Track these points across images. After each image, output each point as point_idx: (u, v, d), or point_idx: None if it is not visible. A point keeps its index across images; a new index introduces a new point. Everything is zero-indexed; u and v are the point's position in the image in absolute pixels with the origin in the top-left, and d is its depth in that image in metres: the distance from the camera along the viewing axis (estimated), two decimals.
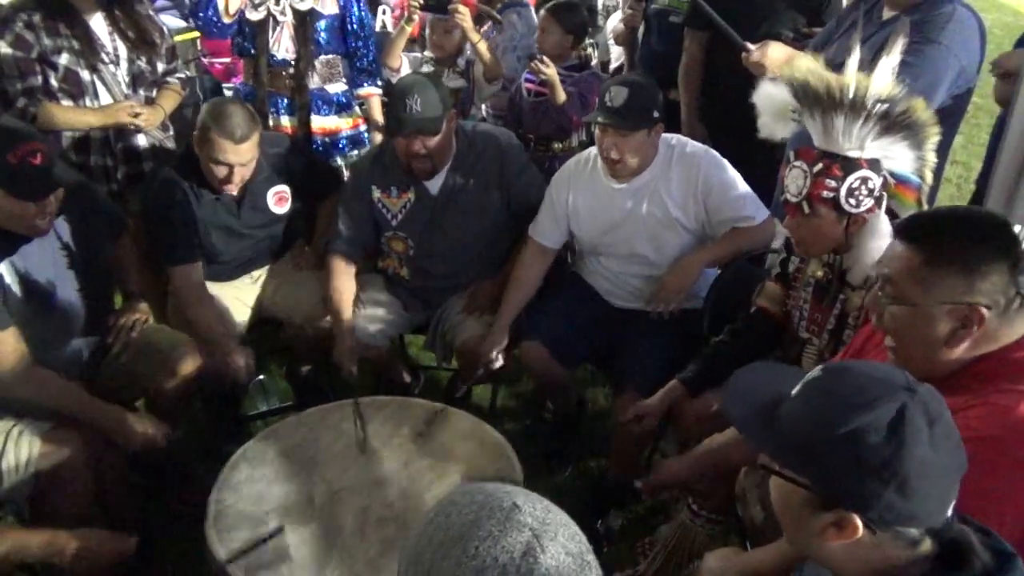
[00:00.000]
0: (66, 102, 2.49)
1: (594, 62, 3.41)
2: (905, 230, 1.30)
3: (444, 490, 1.73)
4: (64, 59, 2.45)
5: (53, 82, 2.47)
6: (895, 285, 1.27)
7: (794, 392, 0.99)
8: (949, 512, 0.93)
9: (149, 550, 2.26)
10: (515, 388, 2.99)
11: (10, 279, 2.00)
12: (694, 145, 2.32)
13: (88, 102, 2.51)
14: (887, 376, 0.95)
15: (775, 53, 2.18)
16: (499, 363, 2.37)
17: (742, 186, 2.27)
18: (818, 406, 0.95)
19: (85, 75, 2.49)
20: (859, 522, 0.91)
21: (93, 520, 1.92)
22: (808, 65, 1.67)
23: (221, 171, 2.32)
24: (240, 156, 2.31)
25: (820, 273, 1.81)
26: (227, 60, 4.14)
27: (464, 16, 2.86)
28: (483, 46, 3.00)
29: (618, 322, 2.41)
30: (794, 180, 1.66)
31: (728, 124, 2.50)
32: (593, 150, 2.37)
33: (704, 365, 2.02)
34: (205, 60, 4.41)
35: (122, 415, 2.04)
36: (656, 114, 2.19)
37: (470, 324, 2.43)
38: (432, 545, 0.79)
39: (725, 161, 2.28)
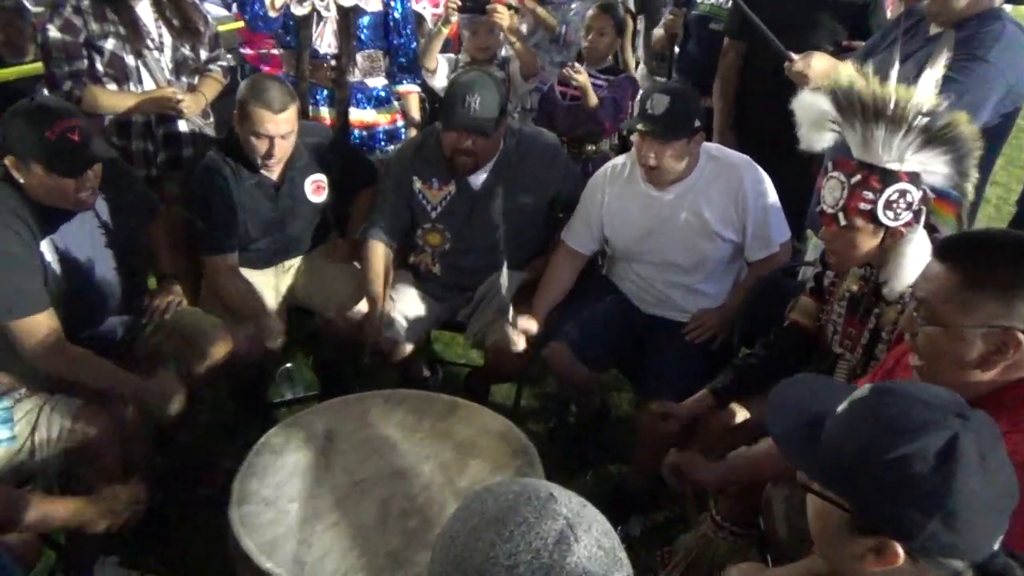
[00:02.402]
0: (111, 86, 2.53)
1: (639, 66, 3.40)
2: (943, 250, 1.27)
3: (466, 485, 1.74)
4: (110, 44, 2.50)
5: (99, 66, 2.51)
6: (930, 306, 1.25)
7: (839, 410, 0.97)
8: (996, 545, 0.89)
9: (169, 530, 2.30)
10: (539, 389, 2.99)
11: (51, 257, 2.04)
12: (736, 155, 2.31)
13: (132, 87, 2.56)
14: (939, 401, 0.91)
15: (819, 64, 2.17)
16: (522, 346, 2.36)
17: (777, 203, 2.28)
18: (864, 428, 0.92)
19: (130, 60, 2.53)
20: (900, 550, 0.89)
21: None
22: (850, 75, 1.66)
23: (262, 145, 2.34)
24: (279, 127, 2.33)
25: (855, 287, 1.79)
26: (262, 50, 4.17)
27: (503, 15, 2.87)
28: (521, 45, 3.00)
29: (647, 328, 2.40)
30: (831, 191, 1.64)
31: (761, 134, 2.50)
32: (629, 155, 2.36)
33: (734, 377, 2.01)
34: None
35: (150, 380, 2.10)
36: (697, 123, 2.18)
37: (503, 324, 2.43)
38: (466, 528, 0.80)
39: (765, 174, 2.27)
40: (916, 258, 1.58)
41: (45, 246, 2.02)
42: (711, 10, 3.15)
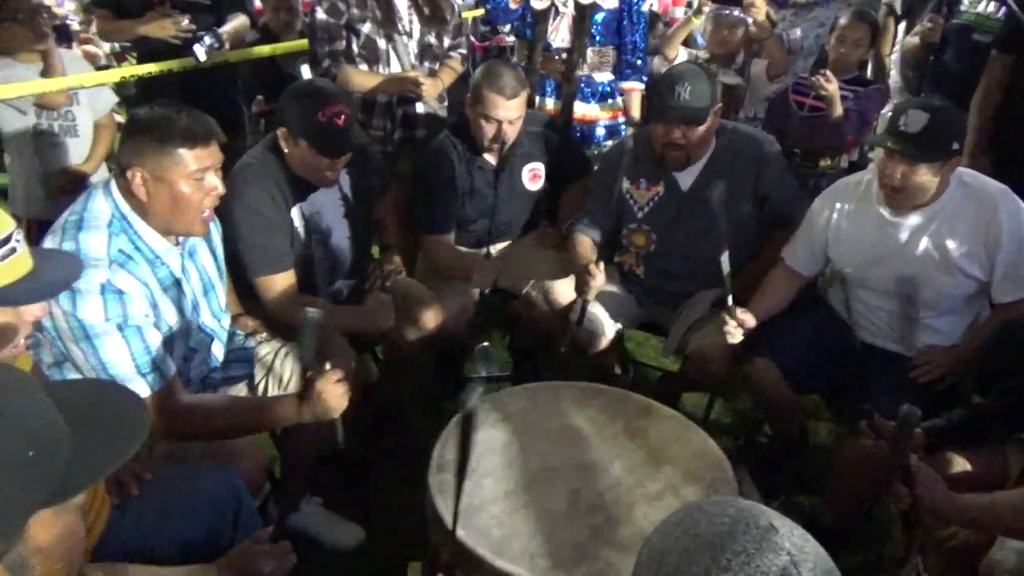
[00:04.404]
0: (362, 67, 2.75)
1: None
2: None
3: (655, 489, 1.72)
4: (367, 28, 2.71)
5: (354, 47, 2.74)
6: None
7: None
8: None
9: (368, 482, 2.48)
10: (732, 403, 2.89)
11: (298, 223, 2.26)
12: (992, 183, 2.08)
13: (380, 68, 2.76)
14: None
15: None
16: (740, 337, 2.23)
17: None
18: None
19: (381, 43, 2.73)
20: None
21: (329, 440, 2.12)
22: None
23: (490, 128, 2.44)
24: (509, 112, 2.42)
25: None
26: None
27: (759, 9, 2.78)
28: (773, 41, 2.89)
29: (863, 357, 2.24)
30: None
31: (1020, 157, 2.22)
32: (867, 173, 2.21)
33: (955, 422, 1.83)
34: None
35: (362, 309, 2.32)
36: (956, 146, 1.97)
37: (706, 332, 2.38)
38: (678, 548, 0.78)
39: None
40: None
41: (295, 212, 2.25)
42: (976, 19, 2.87)
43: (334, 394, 1.67)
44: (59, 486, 0.79)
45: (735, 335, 2.20)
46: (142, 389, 1.65)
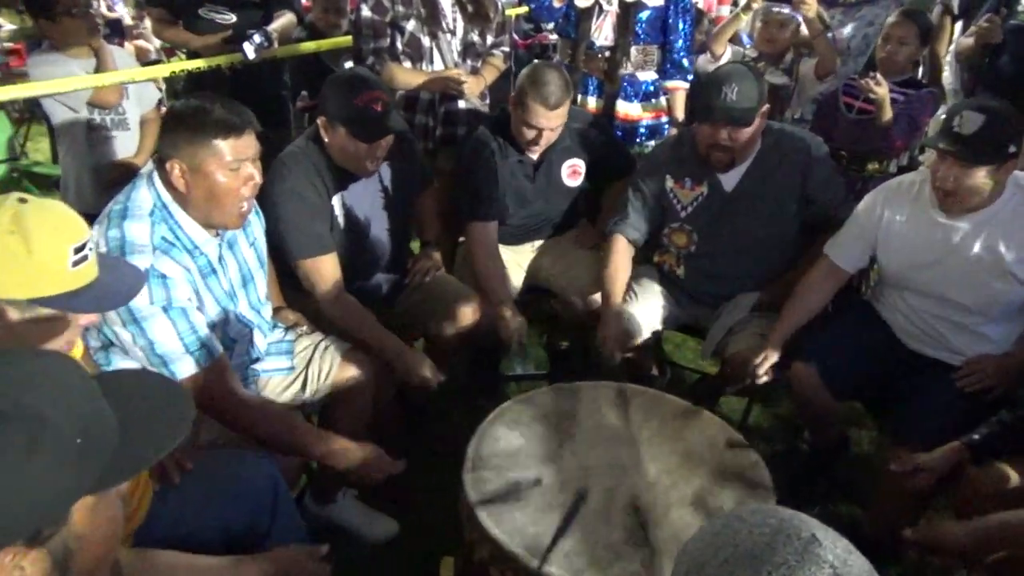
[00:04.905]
0: (406, 64, 2.77)
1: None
2: None
3: (690, 493, 1.70)
4: (411, 25, 2.72)
5: (398, 45, 2.75)
6: None
7: None
8: None
9: (404, 476, 2.49)
10: (771, 408, 2.85)
11: (339, 211, 2.28)
12: None
13: (424, 66, 2.77)
14: None
15: None
16: (766, 379, 2.26)
17: None
18: None
19: (425, 41, 2.74)
20: None
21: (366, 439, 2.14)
22: None
23: (530, 134, 2.45)
24: (551, 121, 2.42)
25: None
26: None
27: (810, 6, 2.73)
28: (823, 39, 2.84)
29: (908, 365, 2.18)
30: None
31: None
32: (918, 174, 2.15)
33: (1001, 431, 1.78)
34: None
35: (405, 349, 2.24)
36: (1012, 149, 1.91)
37: (746, 336, 2.35)
38: (717, 559, 0.76)
39: None
40: None
41: (335, 201, 2.27)
42: None
43: (378, 467, 1.81)
44: (104, 474, 0.80)
45: (764, 376, 2.22)
46: (189, 367, 1.68)
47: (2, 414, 0.73)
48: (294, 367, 2.12)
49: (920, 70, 2.94)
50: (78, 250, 1.25)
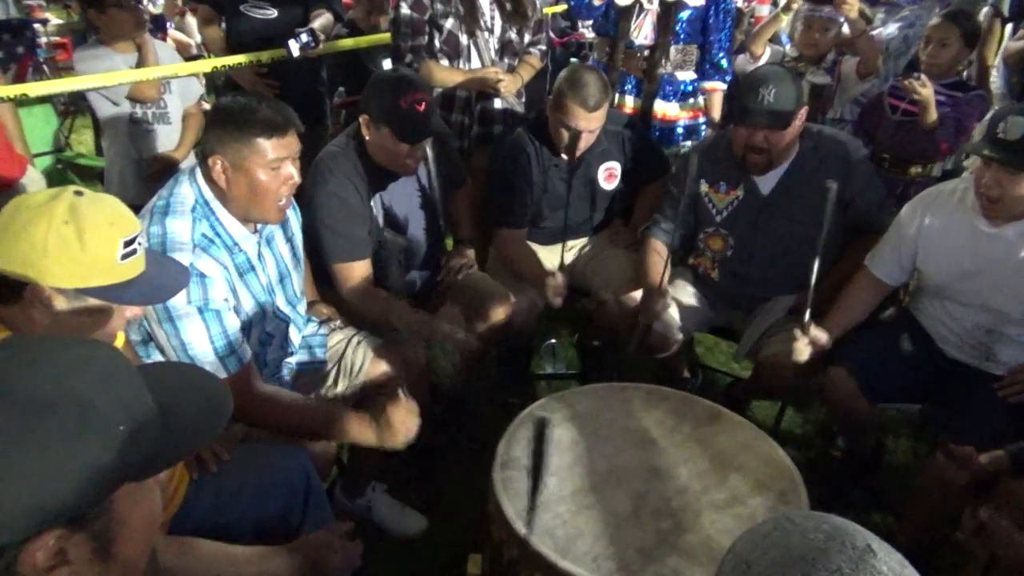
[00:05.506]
0: (443, 62, 2.77)
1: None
2: None
3: (722, 498, 1.68)
4: (449, 23, 2.73)
5: (436, 43, 2.76)
6: None
7: None
8: None
9: (433, 472, 2.50)
10: (804, 414, 2.81)
11: (377, 211, 2.29)
12: None
13: (461, 64, 2.78)
14: None
15: None
16: (805, 356, 2.14)
17: None
18: None
19: (463, 39, 2.75)
20: None
21: None
22: None
23: (568, 136, 2.44)
24: (590, 123, 2.41)
25: None
26: None
27: (852, 6, 2.68)
28: (865, 37, 2.79)
29: (948, 374, 2.14)
30: None
31: None
32: (961, 181, 2.10)
33: None
34: None
35: (433, 318, 2.27)
36: None
37: (781, 339, 2.32)
38: (766, 559, 0.76)
39: None
40: None
41: (375, 201, 2.29)
42: None
43: (405, 425, 1.72)
44: (146, 461, 0.82)
45: (803, 352, 2.11)
46: (218, 372, 1.70)
47: (51, 400, 0.75)
48: (326, 360, 2.14)
49: (965, 73, 2.87)
50: (128, 243, 1.27)
